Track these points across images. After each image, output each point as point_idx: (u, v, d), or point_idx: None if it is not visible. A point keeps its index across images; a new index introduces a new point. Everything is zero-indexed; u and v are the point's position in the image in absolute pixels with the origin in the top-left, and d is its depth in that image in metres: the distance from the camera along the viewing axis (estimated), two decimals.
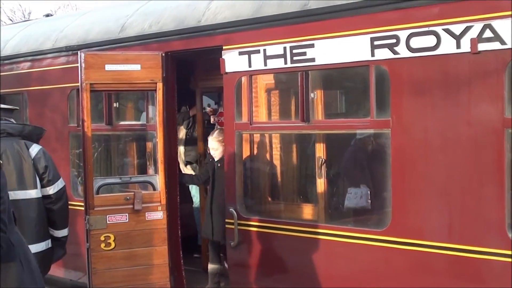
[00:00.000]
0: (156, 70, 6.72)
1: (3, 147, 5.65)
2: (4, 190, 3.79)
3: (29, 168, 5.69)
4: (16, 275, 3.89)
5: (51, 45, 8.34)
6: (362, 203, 6.19)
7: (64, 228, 5.95)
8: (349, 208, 6.25)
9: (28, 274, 3.99)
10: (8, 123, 5.93)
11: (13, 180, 5.53)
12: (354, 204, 6.23)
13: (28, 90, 8.56)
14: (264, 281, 6.27)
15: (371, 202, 6.12)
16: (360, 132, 5.99)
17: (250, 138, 6.51)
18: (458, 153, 4.93)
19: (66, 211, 5.97)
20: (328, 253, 5.76)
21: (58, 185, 5.84)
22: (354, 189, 6.30)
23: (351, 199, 6.26)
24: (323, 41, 5.64)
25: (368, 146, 6.16)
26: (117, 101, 8.27)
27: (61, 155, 8.24)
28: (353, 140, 6.26)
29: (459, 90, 4.90)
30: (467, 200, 4.91)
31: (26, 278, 3.97)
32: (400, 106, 5.23)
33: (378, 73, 5.38)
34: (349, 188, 6.35)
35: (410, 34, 5.11)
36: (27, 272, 4.00)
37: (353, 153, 6.39)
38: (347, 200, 6.28)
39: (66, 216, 5.97)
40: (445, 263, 5.04)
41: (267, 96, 6.66)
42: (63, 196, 5.89)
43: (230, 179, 6.42)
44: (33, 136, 5.95)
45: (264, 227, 6.20)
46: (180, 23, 6.83)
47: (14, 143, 5.75)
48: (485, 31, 4.72)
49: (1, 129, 5.78)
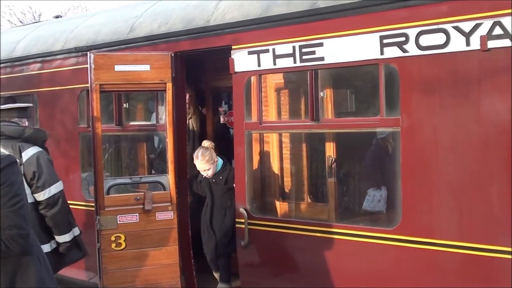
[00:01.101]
0: (165, 70, 6.73)
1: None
2: (21, 187, 3.85)
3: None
4: (36, 272, 3.97)
5: (61, 46, 8.36)
6: (379, 207, 6.18)
7: (62, 234, 5.90)
8: (365, 210, 6.24)
9: (46, 272, 4.06)
10: (10, 125, 5.91)
11: None
12: (372, 207, 6.22)
13: (38, 91, 8.59)
14: (275, 280, 6.27)
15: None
16: (380, 131, 5.94)
17: (260, 137, 6.51)
18: (468, 151, 4.91)
19: (62, 217, 5.89)
20: (339, 252, 5.75)
21: (51, 191, 5.78)
22: (373, 191, 6.29)
23: (369, 202, 6.26)
24: (332, 40, 5.63)
25: (388, 146, 6.13)
26: (127, 101, 8.29)
27: (71, 156, 8.26)
28: (374, 140, 6.24)
29: (468, 88, 4.89)
30: (477, 198, 4.89)
31: (45, 275, 4.04)
32: (410, 104, 5.21)
33: (388, 72, 5.36)
34: (368, 190, 6.33)
35: (419, 32, 5.10)
36: (45, 270, 4.06)
37: (374, 154, 6.36)
38: (366, 202, 6.27)
39: (62, 223, 5.90)
40: (455, 261, 5.03)
41: (276, 96, 6.66)
42: (58, 202, 5.82)
43: (240, 178, 6.42)
44: (35, 139, 5.92)
45: (274, 227, 6.20)
46: (188, 23, 6.84)
47: (12, 146, 5.75)
48: (494, 28, 4.70)
49: (0, 132, 5.77)
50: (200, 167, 7.04)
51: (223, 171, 7.14)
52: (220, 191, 7.16)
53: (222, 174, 7.13)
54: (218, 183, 7.14)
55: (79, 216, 7.14)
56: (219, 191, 7.17)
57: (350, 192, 6.60)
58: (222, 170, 7.15)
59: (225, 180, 7.11)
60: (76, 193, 8.03)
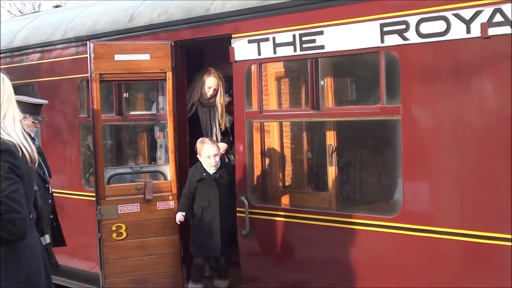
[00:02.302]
0: (165, 59, 6.72)
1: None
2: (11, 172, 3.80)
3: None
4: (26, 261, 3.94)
5: (60, 36, 8.35)
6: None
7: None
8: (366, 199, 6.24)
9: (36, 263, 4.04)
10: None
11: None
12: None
13: (38, 81, 8.57)
14: (276, 269, 6.28)
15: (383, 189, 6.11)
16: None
17: (260, 126, 6.50)
18: (468, 138, 4.90)
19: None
20: (339, 240, 5.75)
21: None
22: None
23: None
24: (332, 28, 5.61)
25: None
26: (127, 91, 8.28)
27: (72, 146, 8.26)
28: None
29: (469, 75, 4.87)
30: (478, 186, 4.88)
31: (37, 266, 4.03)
32: (410, 92, 5.20)
33: (388, 60, 5.34)
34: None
35: (419, 20, 5.07)
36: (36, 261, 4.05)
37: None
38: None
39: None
40: (456, 249, 5.03)
41: (277, 84, 6.64)
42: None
43: (240, 168, 6.42)
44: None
45: (275, 215, 6.20)
46: (188, 12, 6.82)
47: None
48: (495, 15, 4.67)
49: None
50: (210, 151, 6.63)
51: (223, 165, 6.88)
52: (224, 186, 6.77)
53: (224, 168, 6.86)
54: (223, 177, 6.77)
55: (80, 206, 7.14)
56: (223, 186, 6.76)
57: (350, 181, 6.59)
58: (222, 165, 6.85)
59: (227, 173, 6.83)
60: (76, 183, 8.03)
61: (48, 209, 6.27)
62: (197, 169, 6.79)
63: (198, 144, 6.80)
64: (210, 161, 6.66)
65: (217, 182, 6.71)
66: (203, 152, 6.69)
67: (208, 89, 7.28)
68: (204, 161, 6.70)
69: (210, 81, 7.26)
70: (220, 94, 7.33)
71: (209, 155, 6.65)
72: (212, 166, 6.68)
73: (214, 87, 7.27)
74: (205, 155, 6.68)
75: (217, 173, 6.73)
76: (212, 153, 6.65)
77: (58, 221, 6.49)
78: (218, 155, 6.72)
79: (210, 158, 6.65)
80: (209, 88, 7.28)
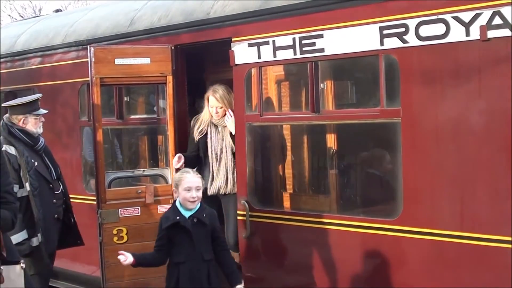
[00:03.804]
0: (165, 63, 6.74)
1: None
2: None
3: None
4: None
5: (61, 40, 8.37)
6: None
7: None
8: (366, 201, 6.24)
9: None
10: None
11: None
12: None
13: (39, 85, 8.58)
14: (277, 272, 6.28)
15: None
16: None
17: (261, 129, 6.51)
18: (468, 140, 4.91)
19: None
20: (340, 243, 5.76)
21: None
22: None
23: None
24: (332, 31, 5.62)
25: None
26: (127, 95, 8.29)
27: (73, 150, 8.28)
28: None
29: (469, 78, 4.88)
30: (478, 188, 4.89)
31: None
32: (410, 95, 5.21)
33: (388, 62, 5.36)
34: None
35: (419, 23, 5.09)
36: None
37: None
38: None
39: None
40: (457, 252, 5.03)
41: (277, 88, 6.65)
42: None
43: (241, 171, 6.42)
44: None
45: (275, 218, 6.21)
46: (189, 16, 6.84)
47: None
48: (494, 18, 4.69)
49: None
50: (192, 181, 5.39)
51: (203, 209, 5.49)
52: (204, 235, 5.42)
53: (205, 212, 5.47)
54: (203, 223, 5.40)
55: (81, 210, 7.15)
56: (203, 235, 5.41)
57: (350, 183, 6.59)
58: (202, 209, 5.48)
59: (209, 219, 5.46)
60: (77, 187, 8.04)
61: (52, 209, 6.30)
62: (169, 213, 5.51)
63: (176, 175, 5.63)
64: (190, 195, 5.34)
65: (195, 227, 5.35)
66: (182, 183, 5.39)
67: (211, 109, 6.79)
68: (182, 194, 5.38)
69: (212, 101, 6.78)
70: (229, 113, 6.71)
71: (190, 187, 5.35)
72: (190, 203, 5.36)
73: (217, 106, 6.76)
74: (183, 187, 5.38)
75: (196, 216, 5.39)
76: (193, 185, 5.37)
77: (71, 221, 6.53)
78: (200, 190, 5.43)
79: (190, 191, 5.34)
80: (211, 107, 6.79)
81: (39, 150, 6.37)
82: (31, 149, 6.30)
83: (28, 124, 6.34)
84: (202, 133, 6.86)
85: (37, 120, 6.38)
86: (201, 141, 6.88)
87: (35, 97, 6.44)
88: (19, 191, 6.07)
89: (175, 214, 5.40)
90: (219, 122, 6.82)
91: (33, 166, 6.17)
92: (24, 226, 6.03)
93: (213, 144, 6.83)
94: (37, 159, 6.31)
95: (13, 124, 6.32)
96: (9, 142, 6.18)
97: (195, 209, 5.39)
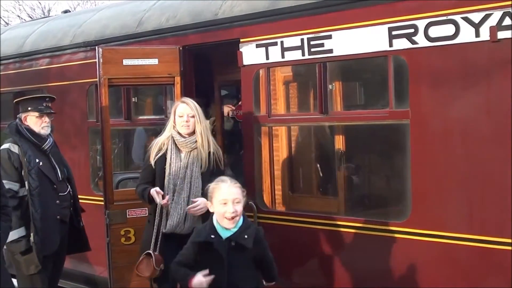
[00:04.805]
0: (173, 64, 6.73)
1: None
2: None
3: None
4: None
5: (69, 41, 8.38)
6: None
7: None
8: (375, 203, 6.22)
9: None
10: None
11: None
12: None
13: (47, 86, 8.60)
14: (285, 274, 6.25)
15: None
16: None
17: (269, 130, 6.49)
18: (478, 142, 4.88)
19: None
20: (348, 245, 5.73)
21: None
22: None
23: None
24: (341, 32, 5.60)
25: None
26: (135, 96, 8.29)
27: (81, 151, 8.28)
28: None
29: (478, 79, 4.85)
30: (487, 190, 4.86)
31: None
32: (419, 97, 5.18)
33: (397, 64, 5.33)
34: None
35: (428, 24, 5.06)
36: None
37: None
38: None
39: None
40: (466, 254, 5.00)
41: (285, 89, 6.64)
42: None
43: (249, 172, 6.41)
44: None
45: (283, 220, 6.19)
46: (197, 17, 6.83)
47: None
48: (504, 18, 4.65)
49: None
50: (229, 193, 4.38)
51: (247, 226, 4.51)
52: (246, 261, 4.44)
53: (247, 231, 4.47)
54: (244, 246, 4.39)
55: (88, 210, 7.14)
56: (244, 262, 4.42)
57: (359, 185, 6.57)
58: (246, 226, 4.50)
59: (253, 239, 4.44)
60: (85, 188, 8.04)
61: (54, 210, 6.27)
62: (204, 228, 4.51)
63: (211, 185, 4.56)
64: (226, 210, 4.34)
65: (232, 253, 4.36)
66: (216, 195, 4.43)
67: (180, 118, 5.60)
68: (217, 209, 4.41)
69: (182, 108, 5.64)
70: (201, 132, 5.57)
71: (226, 200, 4.35)
72: (227, 220, 4.36)
73: (188, 113, 5.59)
74: (217, 199, 4.39)
75: (236, 237, 4.38)
76: (230, 197, 4.35)
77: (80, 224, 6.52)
78: (240, 203, 4.40)
79: (227, 204, 4.34)
80: (180, 116, 5.61)
81: (46, 150, 6.35)
82: (37, 149, 6.28)
83: (30, 123, 6.33)
84: (160, 155, 5.62)
85: (38, 119, 6.33)
86: (158, 166, 5.64)
87: (38, 95, 6.48)
88: (21, 190, 6.09)
89: (209, 231, 4.40)
90: (186, 143, 5.55)
91: (36, 166, 6.14)
92: (22, 224, 6.04)
93: (172, 172, 5.54)
94: (43, 159, 6.28)
95: (22, 123, 6.34)
96: (13, 141, 6.19)
97: (236, 227, 4.40)
